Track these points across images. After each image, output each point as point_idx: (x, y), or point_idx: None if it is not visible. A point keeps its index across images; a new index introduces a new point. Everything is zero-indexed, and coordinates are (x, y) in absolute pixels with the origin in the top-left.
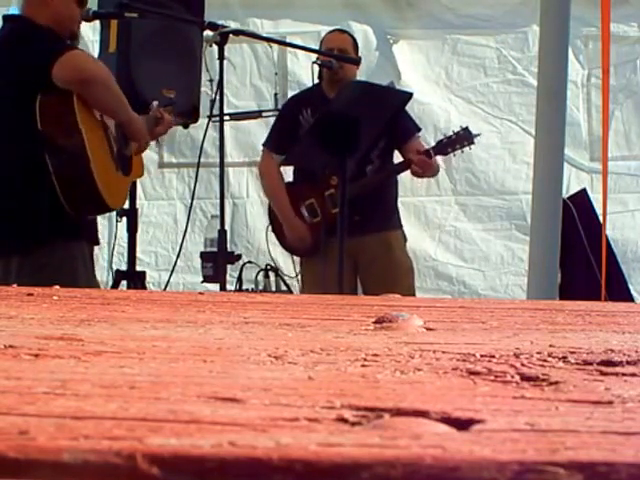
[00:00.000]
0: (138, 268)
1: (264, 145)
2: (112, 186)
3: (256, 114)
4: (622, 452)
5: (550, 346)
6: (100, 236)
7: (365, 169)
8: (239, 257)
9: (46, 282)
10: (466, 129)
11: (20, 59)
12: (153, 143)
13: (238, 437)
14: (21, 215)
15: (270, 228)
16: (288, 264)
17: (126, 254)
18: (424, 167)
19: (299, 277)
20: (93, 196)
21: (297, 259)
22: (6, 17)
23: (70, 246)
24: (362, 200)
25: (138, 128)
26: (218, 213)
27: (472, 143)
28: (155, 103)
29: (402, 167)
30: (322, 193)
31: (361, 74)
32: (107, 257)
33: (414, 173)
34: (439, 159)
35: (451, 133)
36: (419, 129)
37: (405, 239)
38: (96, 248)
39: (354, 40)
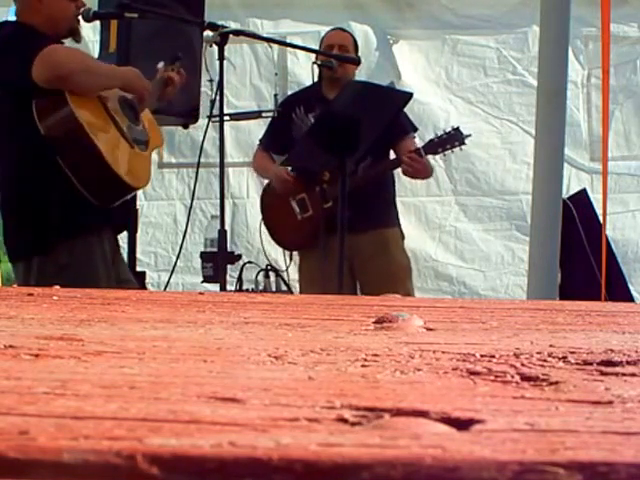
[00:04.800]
0: (138, 269)
1: (260, 141)
2: (132, 165)
3: (256, 114)
4: (622, 452)
5: (550, 346)
6: None
7: (358, 166)
8: (239, 257)
9: (67, 281)
10: (457, 129)
11: (2, 72)
12: None
13: (238, 437)
14: (38, 217)
15: (262, 223)
16: (282, 262)
17: (126, 255)
18: (414, 166)
19: (290, 273)
20: (115, 183)
21: (288, 254)
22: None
23: (89, 242)
24: (356, 197)
25: (134, 82)
26: (218, 213)
27: (463, 144)
28: (161, 64)
29: (392, 165)
30: (313, 188)
31: (361, 74)
32: None
33: (405, 173)
34: (439, 161)
35: (442, 132)
36: (415, 129)
37: (403, 237)
38: None
39: (354, 39)
